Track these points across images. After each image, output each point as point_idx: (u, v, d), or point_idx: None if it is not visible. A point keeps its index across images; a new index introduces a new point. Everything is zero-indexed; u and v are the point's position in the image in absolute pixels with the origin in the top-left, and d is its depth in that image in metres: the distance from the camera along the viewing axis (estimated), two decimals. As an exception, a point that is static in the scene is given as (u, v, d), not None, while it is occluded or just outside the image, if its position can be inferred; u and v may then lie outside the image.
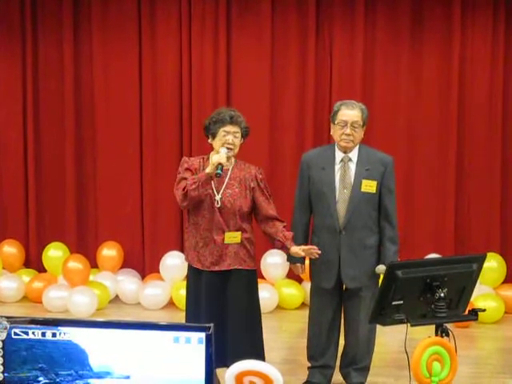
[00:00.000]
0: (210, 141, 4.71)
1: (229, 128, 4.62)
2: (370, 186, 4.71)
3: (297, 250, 4.61)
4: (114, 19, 7.54)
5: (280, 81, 7.46)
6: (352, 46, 7.33)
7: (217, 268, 4.64)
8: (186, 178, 4.60)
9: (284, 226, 4.71)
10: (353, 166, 4.75)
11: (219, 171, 4.49)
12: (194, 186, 4.51)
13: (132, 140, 7.63)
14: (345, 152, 4.76)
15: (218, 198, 4.61)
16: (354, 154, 4.76)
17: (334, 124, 4.75)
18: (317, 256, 4.61)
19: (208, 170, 4.53)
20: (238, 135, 4.65)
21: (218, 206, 4.61)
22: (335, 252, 4.74)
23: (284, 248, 4.70)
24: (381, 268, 4.67)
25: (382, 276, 4.58)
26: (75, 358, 2.66)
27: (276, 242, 4.71)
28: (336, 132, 4.75)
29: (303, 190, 4.88)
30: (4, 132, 7.78)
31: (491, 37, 7.22)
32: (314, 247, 4.64)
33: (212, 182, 4.60)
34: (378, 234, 4.80)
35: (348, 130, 4.68)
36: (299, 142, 7.44)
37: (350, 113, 4.70)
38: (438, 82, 7.32)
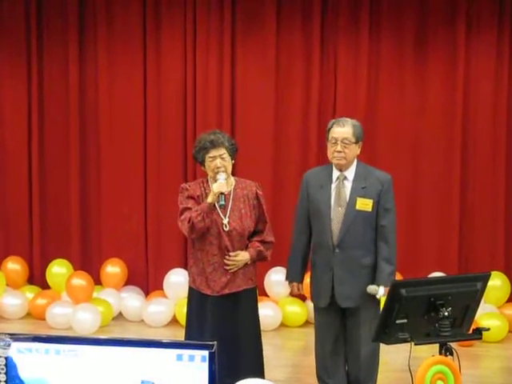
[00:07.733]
0: (203, 168, 4.68)
1: (213, 153, 4.55)
2: (365, 205, 4.68)
3: (235, 253, 4.56)
4: (119, 35, 7.58)
5: (284, 96, 7.47)
6: (356, 62, 7.33)
7: (227, 291, 4.59)
8: (189, 208, 4.54)
9: (261, 240, 4.67)
10: (348, 184, 4.73)
11: (222, 202, 4.45)
12: (199, 218, 4.45)
13: (136, 157, 7.65)
14: (340, 170, 4.75)
15: (225, 221, 4.57)
16: (350, 172, 4.75)
17: (328, 142, 4.76)
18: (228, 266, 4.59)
19: (209, 199, 4.49)
20: (226, 155, 4.57)
21: (227, 229, 4.57)
22: (329, 270, 4.72)
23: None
24: (371, 288, 4.62)
25: (375, 296, 4.63)
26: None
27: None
28: (329, 150, 4.75)
29: (303, 207, 4.88)
30: (9, 149, 7.81)
31: (495, 54, 7.21)
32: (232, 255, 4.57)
33: (217, 207, 4.54)
34: (376, 254, 4.76)
35: (338, 147, 4.67)
36: (303, 158, 7.44)
37: (340, 130, 4.69)
38: (442, 98, 7.31)
